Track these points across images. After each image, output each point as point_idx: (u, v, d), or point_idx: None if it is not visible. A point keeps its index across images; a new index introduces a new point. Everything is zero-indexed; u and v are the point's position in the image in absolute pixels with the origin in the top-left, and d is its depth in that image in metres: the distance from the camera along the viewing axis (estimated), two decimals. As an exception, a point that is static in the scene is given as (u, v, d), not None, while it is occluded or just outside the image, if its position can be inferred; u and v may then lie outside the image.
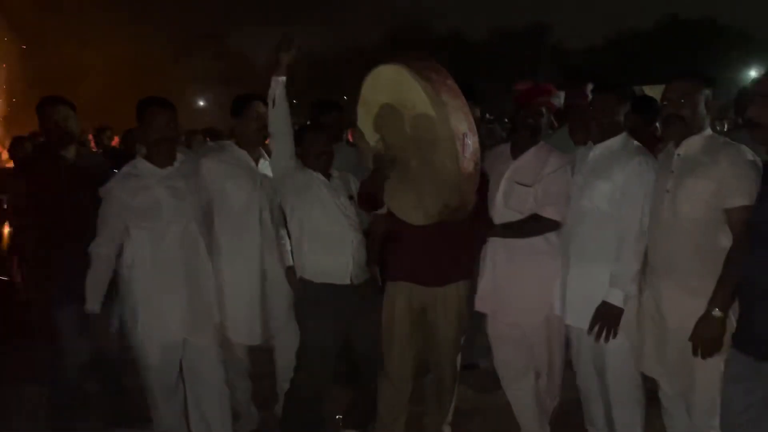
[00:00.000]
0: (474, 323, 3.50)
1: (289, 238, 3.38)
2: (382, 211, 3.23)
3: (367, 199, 3.14)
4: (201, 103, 33.21)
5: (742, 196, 2.36)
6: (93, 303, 2.97)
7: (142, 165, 3.04)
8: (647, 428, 3.01)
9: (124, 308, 3.07)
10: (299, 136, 3.28)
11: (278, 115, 3.12)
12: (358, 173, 3.40)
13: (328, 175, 3.30)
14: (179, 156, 3.12)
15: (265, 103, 3.21)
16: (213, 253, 3.23)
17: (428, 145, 2.77)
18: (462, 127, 2.64)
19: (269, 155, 3.39)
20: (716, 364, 2.43)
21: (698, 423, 2.59)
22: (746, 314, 2.24)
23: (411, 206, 3.02)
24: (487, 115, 4.05)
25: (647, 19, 43.55)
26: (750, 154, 2.43)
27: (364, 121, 3.11)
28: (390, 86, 2.87)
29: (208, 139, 7.00)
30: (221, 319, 3.24)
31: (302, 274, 3.27)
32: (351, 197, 3.30)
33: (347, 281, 3.21)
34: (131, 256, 3.00)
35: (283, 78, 3.09)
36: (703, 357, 2.40)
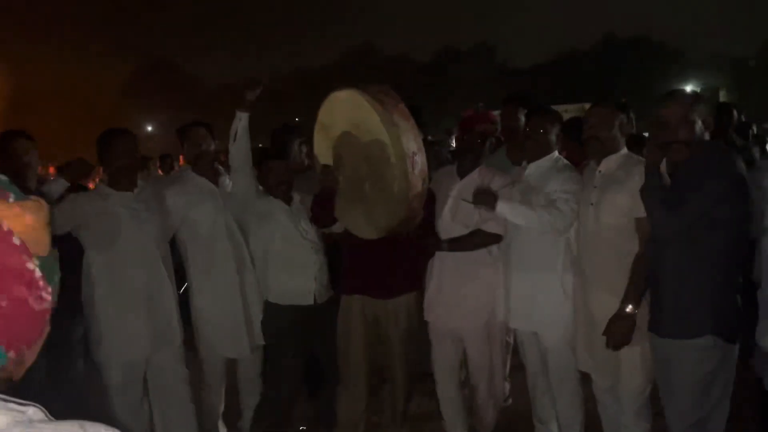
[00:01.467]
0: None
1: (252, 261, 3.50)
2: (338, 228, 3.40)
3: (319, 216, 3.32)
4: (149, 129, 32.84)
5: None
6: None
7: (105, 189, 3.14)
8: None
9: (89, 327, 3.15)
10: (259, 163, 3.44)
11: (239, 149, 3.24)
12: None
13: (288, 200, 3.46)
14: (140, 183, 3.24)
15: (207, 128, 3.41)
16: (191, 276, 3.42)
17: (381, 164, 2.98)
18: (412, 146, 2.89)
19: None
20: (639, 358, 2.76)
21: (627, 413, 2.87)
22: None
23: (362, 222, 3.21)
24: (429, 137, 4.29)
25: (588, 39, 45.14)
26: None
27: (321, 144, 3.30)
28: (345, 110, 3.08)
29: (158, 165, 7.03)
30: (208, 336, 3.40)
31: (267, 297, 3.44)
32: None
33: (311, 302, 3.40)
34: (92, 276, 3.08)
35: (247, 114, 3.23)
36: (615, 349, 2.73)
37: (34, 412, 0.75)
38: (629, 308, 2.69)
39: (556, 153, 3.22)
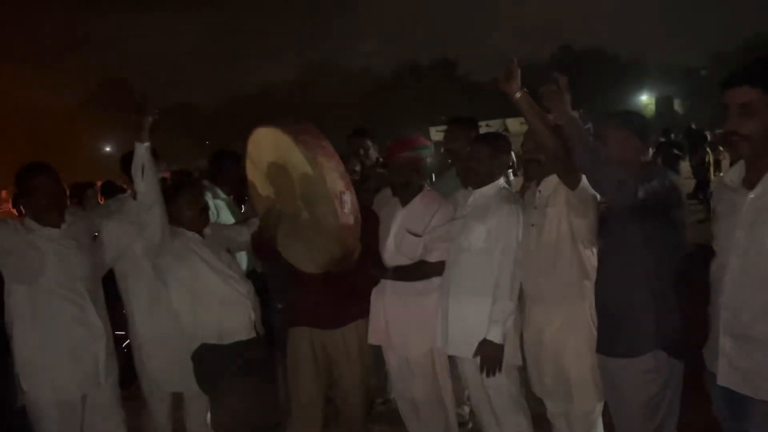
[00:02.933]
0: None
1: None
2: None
3: (261, 249, 3.22)
4: (108, 149, 32.31)
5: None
6: None
7: (30, 223, 2.98)
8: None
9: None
10: (172, 196, 3.14)
11: (150, 185, 2.93)
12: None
13: (201, 234, 3.22)
14: (68, 217, 3.08)
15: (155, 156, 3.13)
16: (132, 311, 3.33)
17: (312, 201, 2.93)
18: (338, 186, 2.80)
19: None
20: (590, 379, 2.71)
21: None
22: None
23: (302, 256, 3.15)
24: (380, 159, 4.24)
25: (544, 51, 45.96)
26: None
27: (254, 175, 3.22)
28: (272, 146, 3.00)
29: (99, 191, 6.72)
30: (153, 371, 3.32)
31: (204, 340, 3.13)
32: (228, 250, 3.34)
33: (254, 334, 3.20)
34: (12, 312, 2.95)
35: (148, 144, 2.92)
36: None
37: None
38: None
39: (501, 181, 3.15)
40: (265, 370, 3.33)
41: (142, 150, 2.90)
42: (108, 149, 32.17)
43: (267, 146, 3.03)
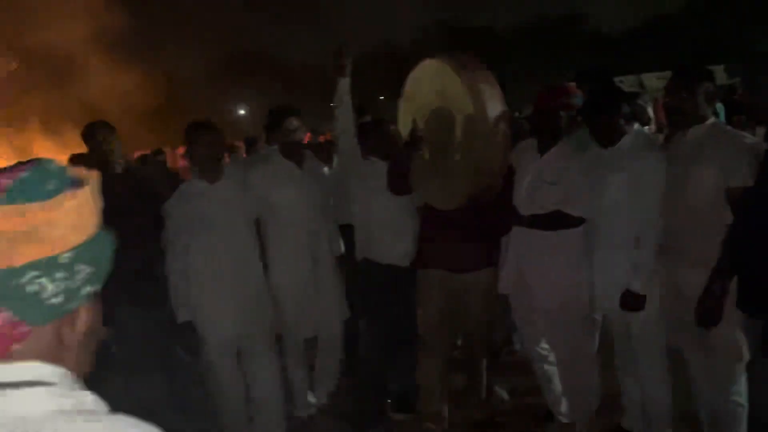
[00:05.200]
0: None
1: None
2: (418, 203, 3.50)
3: (395, 182, 3.36)
4: (241, 112, 34.12)
5: (738, 178, 2.56)
6: (185, 315, 3.28)
7: (195, 182, 3.34)
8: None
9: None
10: (365, 130, 3.70)
11: (342, 113, 3.48)
12: None
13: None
14: (226, 170, 3.40)
15: (298, 117, 3.56)
16: (267, 257, 3.57)
17: (464, 132, 3.03)
18: (496, 113, 2.91)
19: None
20: (732, 335, 2.63)
21: (720, 388, 2.77)
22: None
23: (440, 191, 3.25)
24: (517, 114, 4.23)
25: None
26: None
27: (404, 116, 3.38)
28: (431, 79, 3.16)
29: (244, 149, 7.26)
30: (281, 316, 3.58)
31: (367, 255, 3.64)
32: None
33: (407, 263, 3.54)
34: (188, 265, 3.26)
35: (345, 79, 3.45)
36: (707, 327, 2.59)
37: (93, 400, 0.81)
38: (718, 285, 2.55)
39: (635, 131, 3.05)
40: (411, 299, 3.56)
41: (339, 84, 3.45)
42: (242, 112, 33.99)
43: (426, 80, 3.19)
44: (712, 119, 2.76)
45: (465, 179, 3.09)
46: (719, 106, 7.03)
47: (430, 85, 3.19)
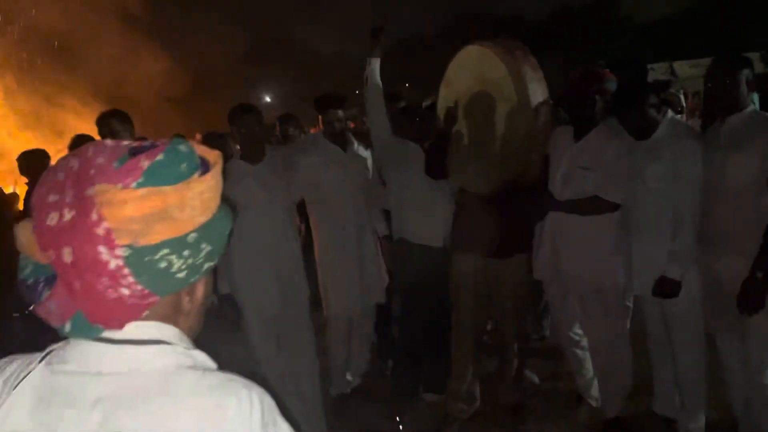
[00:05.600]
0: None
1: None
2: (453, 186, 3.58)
3: (433, 164, 3.43)
4: (268, 99, 34.33)
5: None
6: (225, 287, 3.36)
7: (237, 162, 3.45)
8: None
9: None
10: (400, 114, 3.80)
11: (371, 92, 3.59)
12: None
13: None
14: (267, 152, 3.50)
15: (342, 106, 3.68)
16: (317, 237, 3.77)
17: (505, 118, 3.09)
18: (538, 98, 2.95)
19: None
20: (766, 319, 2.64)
21: (754, 374, 2.79)
22: None
23: (476, 176, 3.31)
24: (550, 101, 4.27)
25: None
26: None
27: (445, 101, 3.44)
28: (474, 64, 3.21)
29: (277, 128, 7.28)
30: (325, 294, 3.72)
31: (403, 235, 3.75)
32: None
33: (440, 245, 3.65)
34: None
35: (377, 59, 3.57)
36: (749, 315, 2.61)
37: (201, 358, 0.90)
38: (758, 273, 2.57)
39: (671, 118, 3.05)
40: (445, 281, 3.62)
41: (369, 63, 3.60)
42: (267, 99, 34.19)
43: (468, 65, 3.25)
44: (751, 107, 2.76)
45: (502, 165, 3.13)
46: (754, 96, 6.92)
47: (471, 69, 3.24)
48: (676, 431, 3.30)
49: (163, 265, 0.84)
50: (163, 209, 0.82)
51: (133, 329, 0.87)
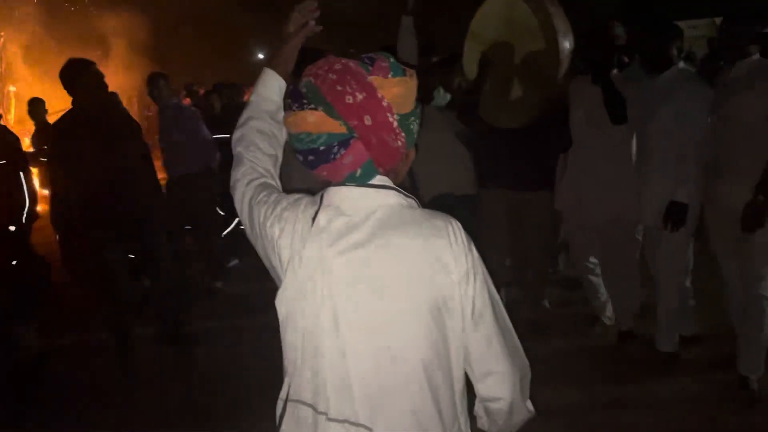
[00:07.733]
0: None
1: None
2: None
3: (467, 108, 3.60)
4: (260, 57, 33.69)
5: None
6: None
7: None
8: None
9: None
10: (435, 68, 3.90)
11: (403, 49, 3.60)
12: None
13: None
14: None
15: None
16: None
17: (532, 52, 3.37)
18: (561, 27, 3.26)
19: None
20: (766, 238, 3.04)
21: (751, 286, 3.16)
22: None
23: (503, 111, 3.57)
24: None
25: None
26: None
27: (470, 54, 3.66)
28: (498, 9, 3.48)
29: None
30: None
31: (438, 191, 3.68)
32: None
33: (474, 191, 3.80)
34: None
35: (410, 17, 3.61)
36: (751, 232, 3.02)
37: (410, 199, 1.28)
38: (760, 196, 2.95)
39: (678, 65, 3.37)
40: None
41: (405, 21, 3.61)
42: (261, 57, 33.63)
43: (492, 12, 3.51)
44: (756, 55, 3.14)
45: (530, 93, 3.42)
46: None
47: (496, 15, 3.48)
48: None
49: (413, 127, 1.25)
50: (407, 89, 1.22)
51: (377, 180, 1.26)
